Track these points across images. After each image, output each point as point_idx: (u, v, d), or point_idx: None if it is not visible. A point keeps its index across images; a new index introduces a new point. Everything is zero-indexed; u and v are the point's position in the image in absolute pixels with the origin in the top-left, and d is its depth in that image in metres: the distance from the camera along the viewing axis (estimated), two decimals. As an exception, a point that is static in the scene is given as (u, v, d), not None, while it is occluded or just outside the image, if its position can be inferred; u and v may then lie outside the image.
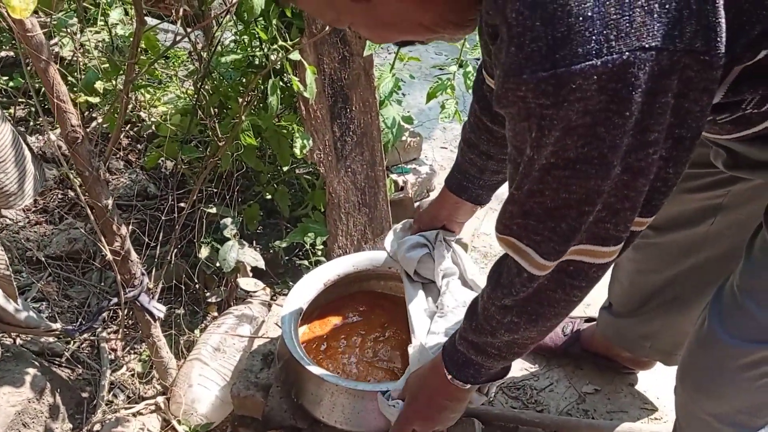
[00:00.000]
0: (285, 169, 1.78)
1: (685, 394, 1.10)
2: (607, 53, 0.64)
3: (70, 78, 1.95)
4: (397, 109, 1.89)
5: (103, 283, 1.85)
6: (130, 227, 1.36)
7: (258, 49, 1.62)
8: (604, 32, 0.64)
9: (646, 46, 0.64)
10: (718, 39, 0.67)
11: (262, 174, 1.87)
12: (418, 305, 1.41)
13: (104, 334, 1.72)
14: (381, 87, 1.81)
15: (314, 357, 1.47)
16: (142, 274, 1.40)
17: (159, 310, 1.40)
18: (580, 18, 0.64)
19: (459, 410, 1.17)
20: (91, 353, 1.70)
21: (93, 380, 1.62)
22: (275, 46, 1.50)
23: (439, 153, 2.53)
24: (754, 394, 0.98)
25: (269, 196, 1.89)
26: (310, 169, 2.04)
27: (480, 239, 2.18)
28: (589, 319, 1.78)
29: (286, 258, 1.90)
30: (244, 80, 1.71)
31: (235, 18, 1.58)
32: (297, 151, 1.56)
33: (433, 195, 2.21)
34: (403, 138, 2.11)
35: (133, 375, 1.63)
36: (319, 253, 1.85)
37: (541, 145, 0.73)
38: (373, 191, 1.81)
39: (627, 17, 0.64)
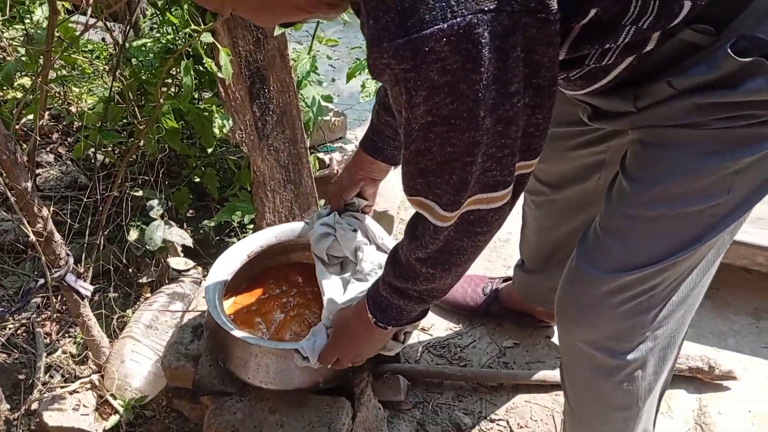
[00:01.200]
0: (210, 151, 1.84)
1: (561, 326, 1.22)
2: (451, 17, 0.72)
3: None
4: (317, 89, 1.97)
5: (36, 272, 1.89)
6: (51, 210, 1.41)
7: (172, 34, 1.67)
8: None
9: (485, 8, 0.73)
10: None
11: (190, 158, 1.93)
12: (329, 279, 1.48)
13: (38, 319, 1.76)
14: (298, 68, 1.88)
15: (243, 326, 1.54)
16: (67, 254, 1.45)
17: (86, 288, 1.46)
18: None
19: (376, 348, 1.27)
20: (26, 338, 1.74)
21: (29, 363, 1.67)
22: (188, 30, 1.56)
23: (369, 133, 2.62)
24: (618, 320, 1.10)
25: (198, 179, 1.95)
26: (240, 154, 2.10)
27: (407, 211, 2.27)
28: (506, 279, 1.89)
29: (217, 238, 1.97)
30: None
31: (149, 4, 1.63)
32: (216, 131, 1.63)
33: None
34: (327, 118, 2.18)
35: (68, 357, 1.68)
36: (249, 231, 1.92)
37: (412, 106, 0.80)
38: (297, 168, 1.89)
39: None
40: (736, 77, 0.86)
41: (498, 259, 2.16)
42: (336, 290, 1.42)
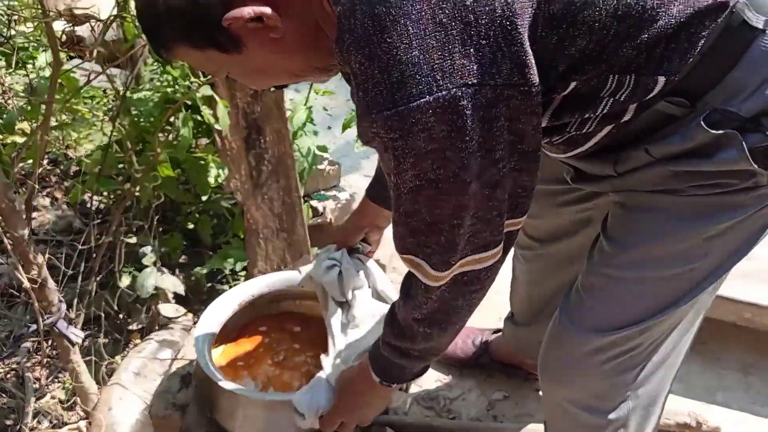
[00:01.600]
0: (204, 198, 1.87)
1: (543, 384, 1.23)
2: (437, 91, 0.76)
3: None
4: (313, 139, 2.01)
5: (28, 316, 1.90)
6: (47, 257, 1.43)
7: (172, 85, 1.72)
8: (431, 74, 0.76)
9: (469, 83, 0.77)
10: (531, 73, 0.80)
11: (184, 204, 1.96)
12: (336, 319, 1.51)
13: (28, 364, 1.76)
14: (294, 119, 1.93)
15: (233, 375, 1.55)
16: (60, 301, 1.46)
17: (76, 335, 1.47)
18: (410, 65, 0.76)
19: (382, 406, 1.30)
20: (15, 383, 1.74)
21: (17, 408, 1.66)
22: (187, 83, 1.60)
23: (364, 181, 2.66)
24: (601, 380, 1.11)
25: (192, 226, 1.98)
26: (234, 201, 2.13)
27: (398, 261, 2.29)
28: (497, 331, 1.90)
29: (209, 284, 1.98)
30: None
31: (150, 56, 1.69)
32: (211, 180, 1.66)
33: (354, 220, 2.33)
34: (322, 167, 2.23)
35: (56, 402, 1.68)
36: (241, 278, 1.94)
37: (400, 172, 0.85)
38: (290, 217, 1.91)
39: (449, 61, 0.76)
40: (709, 148, 0.90)
41: (489, 310, 2.16)
42: (340, 339, 1.44)
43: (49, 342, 1.74)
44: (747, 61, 0.87)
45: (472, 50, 0.77)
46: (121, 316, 1.86)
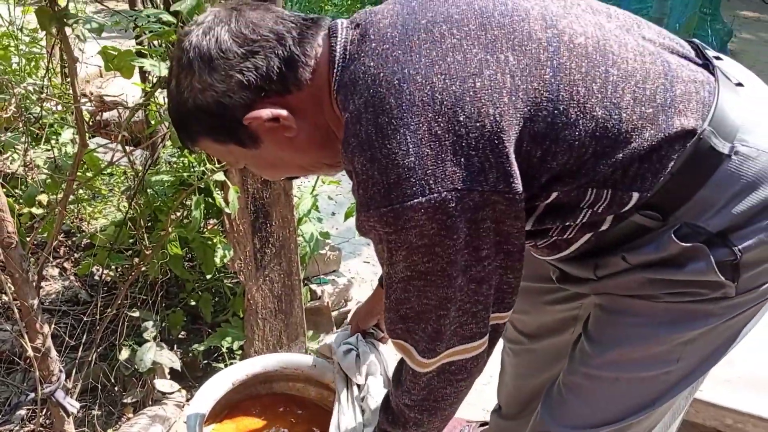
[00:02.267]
0: (209, 277, 1.94)
1: (524, 480, 1.26)
2: (429, 193, 0.86)
3: (17, 190, 2.13)
4: (317, 225, 2.10)
5: (26, 384, 1.92)
6: (52, 327, 1.48)
7: (187, 170, 1.83)
8: (425, 178, 0.86)
9: (458, 188, 0.87)
10: (516, 182, 0.90)
11: (188, 282, 2.03)
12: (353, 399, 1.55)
13: (21, 431, 1.77)
14: (300, 206, 2.02)
15: (221, 455, 1.56)
16: (60, 371, 1.50)
17: (72, 405, 1.50)
18: (406, 169, 0.86)
19: None
20: (5, 452, 1.74)
21: (5, 478, 1.66)
22: (202, 168, 1.71)
23: (363, 267, 2.75)
24: (581, 476, 1.15)
25: (194, 303, 2.04)
26: (236, 280, 2.20)
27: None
28: (483, 423, 1.92)
29: (205, 362, 2.02)
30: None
31: (171, 141, 1.80)
32: (217, 260, 1.73)
33: (351, 305, 2.39)
34: (323, 251, 2.30)
35: (44, 473, 1.68)
36: (238, 357, 1.97)
37: (393, 263, 0.94)
38: (289, 299, 1.97)
39: (441, 168, 0.86)
40: (680, 258, 0.97)
41: (477, 402, 2.18)
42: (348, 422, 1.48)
43: (44, 410, 1.76)
44: (714, 182, 0.95)
45: (462, 159, 0.87)
46: (116, 388, 1.88)
